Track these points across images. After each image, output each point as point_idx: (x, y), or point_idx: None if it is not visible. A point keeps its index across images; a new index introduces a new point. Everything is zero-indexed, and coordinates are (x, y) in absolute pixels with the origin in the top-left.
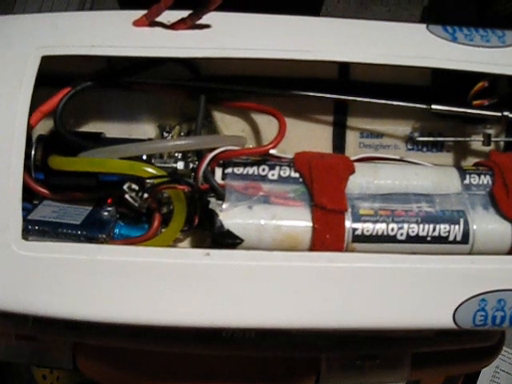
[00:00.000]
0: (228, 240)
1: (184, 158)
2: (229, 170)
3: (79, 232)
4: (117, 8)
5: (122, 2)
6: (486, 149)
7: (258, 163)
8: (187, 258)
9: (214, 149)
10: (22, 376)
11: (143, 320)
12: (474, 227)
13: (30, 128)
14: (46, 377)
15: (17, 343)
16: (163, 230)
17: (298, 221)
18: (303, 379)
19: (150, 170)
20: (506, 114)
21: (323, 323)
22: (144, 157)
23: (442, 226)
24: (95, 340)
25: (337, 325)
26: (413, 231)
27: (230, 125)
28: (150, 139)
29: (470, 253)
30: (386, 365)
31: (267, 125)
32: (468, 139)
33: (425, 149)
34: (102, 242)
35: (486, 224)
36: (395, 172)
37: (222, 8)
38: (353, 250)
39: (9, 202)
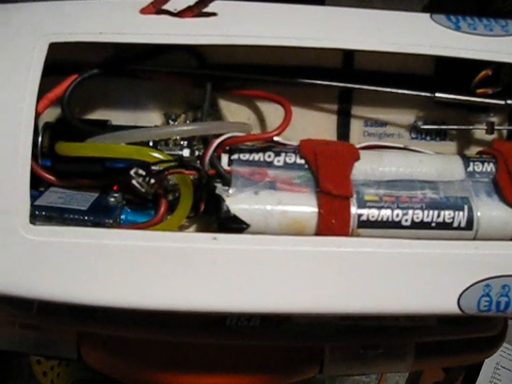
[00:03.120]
0: (234, 225)
1: (190, 146)
2: (235, 156)
3: (86, 217)
4: None
5: None
6: (490, 137)
7: (263, 150)
8: (194, 242)
9: (220, 135)
10: (23, 372)
11: (149, 304)
12: (478, 214)
13: (36, 115)
14: (47, 374)
15: (21, 332)
16: (169, 216)
17: (304, 206)
18: (307, 368)
19: (157, 155)
20: (509, 102)
21: (328, 308)
22: (150, 143)
23: (447, 212)
24: (100, 329)
25: (342, 309)
26: (417, 217)
27: (235, 113)
28: (156, 126)
29: (474, 239)
30: (389, 355)
31: (273, 113)
32: (471, 128)
33: (428, 137)
34: (108, 228)
35: (489, 210)
36: (400, 159)
37: None
38: (358, 236)
39: (17, 187)
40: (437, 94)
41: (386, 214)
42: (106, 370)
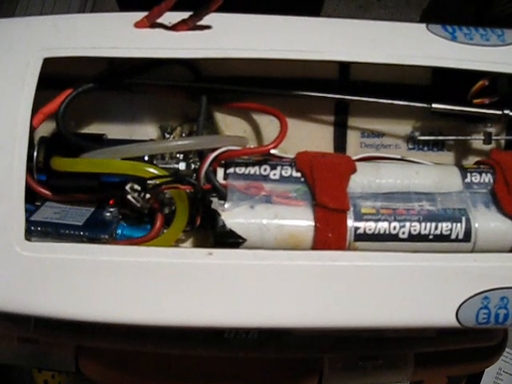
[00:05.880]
0: (230, 239)
1: (185, 159)
2: (231, 170)
3: (81, 233)
4: (117, 10)
5: (121, 4)
6: (487, 147)
7: (259, 163)
8: (190, 257)
9: (215, 149)
10: (24, 381)
11: (146, 320)
12: (476, 225)
13: (32, 129)
14: (48, 382)
15: (19, 346)
16: (165, 230)
17: (300, 220)
18: (306, 380)
19: (152, 170)
20: (506, 112)
21: (326, 322)
22: (146, 158)
23: (444, 225)
24: (97, 342)
25: (339, 323)
26: (415, 230)
27: (231, 125)
28: (151, 140)
29: (473, 251)
30: (388, 365)
31: (268, 125)
32: (469, 138)
33: (426, 148)
34: (104, 243)
35: (487, 222)
36: (396, 171)
37: (223, 9)
38: (355, 249)
39: (12, 203)
40: (433, 105)
41: (383, 226)
42: (103, 382)
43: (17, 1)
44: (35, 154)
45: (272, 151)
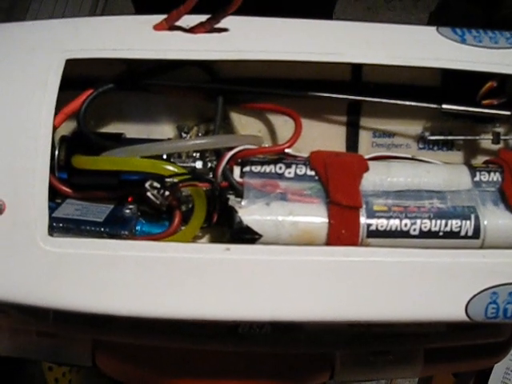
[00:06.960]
0: (247, 236)
1: (202, 158)
2: (247, 169)
3: (102, 229)
4: (129, 11)
5: (138, 7)
6: (496, 147)
7: (274, 162)
8: (208, 252)
9: (232, 148)
10: (35, 378)
11: (164, 314)
12: (485, 222)
13: (53, 129)
14: (59, 380)
15: (37, 340)
16: (183, 227)
17: (315, 217)
18: (318, 375)
19: (171, 168)
20: None
21: (339, 316)
22: (164, 156)
23: (454, 222)
24: (114, 336)
25: (352, 317)
26: (425, 226)
27: (246, 125)
28: (169, 139)
29: (481, 247)
30: (398, 360)
31: (283, 125)
32: (478, 138)
33: (436, 147)
34: (124, 239)
35: (496, 219)
36: (407, 170)
37: (239, 12)
38: (367, 245)
39: (36, 200)
40: (443, 106)
41: (394, 223)
42: (120, 377)
43: (29, 4)
44: (57, 152)
45: (287, 150)
